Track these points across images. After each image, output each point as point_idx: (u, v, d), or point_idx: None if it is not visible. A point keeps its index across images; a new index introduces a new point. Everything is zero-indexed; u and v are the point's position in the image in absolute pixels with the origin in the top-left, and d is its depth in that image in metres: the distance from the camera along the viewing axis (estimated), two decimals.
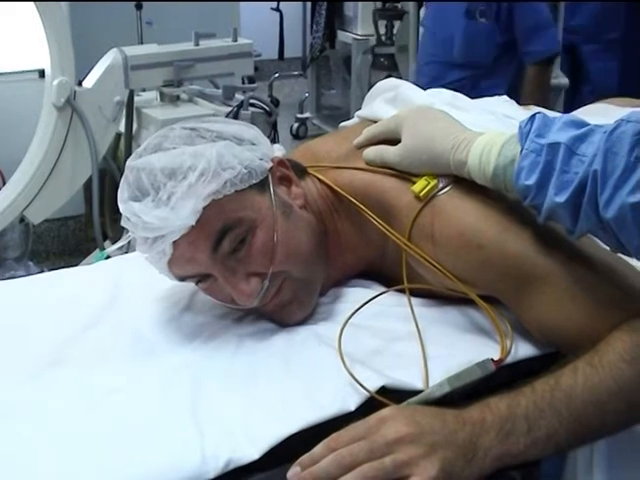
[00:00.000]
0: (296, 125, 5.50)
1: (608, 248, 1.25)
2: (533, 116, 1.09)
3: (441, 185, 1.20)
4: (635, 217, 0.93)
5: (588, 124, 1.04)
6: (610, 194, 0.95)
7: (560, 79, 3.34)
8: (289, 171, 1.28)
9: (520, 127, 1.09)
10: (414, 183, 1.21)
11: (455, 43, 2.92)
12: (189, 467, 0.96)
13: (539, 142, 1.05)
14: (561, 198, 1.02)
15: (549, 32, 3.01)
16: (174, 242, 1.15)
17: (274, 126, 4.51)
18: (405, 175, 1.24)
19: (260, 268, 1.18)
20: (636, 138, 0.94)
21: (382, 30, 4.96)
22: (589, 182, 0.98)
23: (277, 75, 5.73)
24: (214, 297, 1.24)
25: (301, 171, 1.33)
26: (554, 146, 1.03)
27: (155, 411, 1.07)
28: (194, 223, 1.13)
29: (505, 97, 1.62)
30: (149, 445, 1.00)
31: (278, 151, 1.28)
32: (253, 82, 4.46)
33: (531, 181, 1.05)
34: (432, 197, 1.20)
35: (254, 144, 1.23)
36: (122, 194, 1.19)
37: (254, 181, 1.18)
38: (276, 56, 5.81)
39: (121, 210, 1.18)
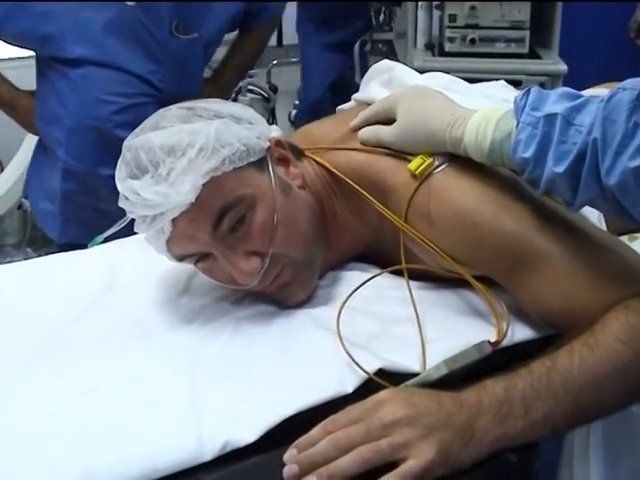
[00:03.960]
0: (294, 112, 5.48)
1: (605, 228, 1.25)
2: (528, 90, 1.09)
3: (437, 163, 1.20)
4: (638, 181, 0.93)
5: (583, 96, 1.04)
6: (611, 161, 0.95)
7: (559, 65, 3.33)
8: (286, 152, 1.29)
9: (515, 101, 1.09)
10: (410, 162, 1.21)
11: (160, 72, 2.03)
12: (186, 449, 0.96)
13: (535, 115, 1.05)
14: (560, 168, 1.02)
15: None
16: (173, 220, 1.15)
17: (272, 112, 4.51)
18: (401, 154, 1.23)
19: (260, 247, 1.18)
20: (633, 104, 0.94)
21: (380, 16, 4.94)
22: (588, 151, 0.98)
23: (275, 62, 5.71)
24: (213, 278, 1.24)
25: (298, 153, 1.33)
26: (550, 117, 1.03)
27: (152, 394, 1.07)
28: (194, 200, 1.13)
29: (503, 82, 1.61)
30: (145, 427, 1.00)
31: (275, 132, 1.28)
32: (251, 69, 4.44)
33: (528, 154, 1.05)
34: (428, 175, 1.20)
35: (251, 123, 1.23)
36: (120, 173, 1.19)
37: (252, 159, 1.19)
38: (274, 43, 5.80)
39: (119, 189, 1.18)
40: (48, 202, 2.10)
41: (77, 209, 2.03)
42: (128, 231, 1.25)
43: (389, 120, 1.26)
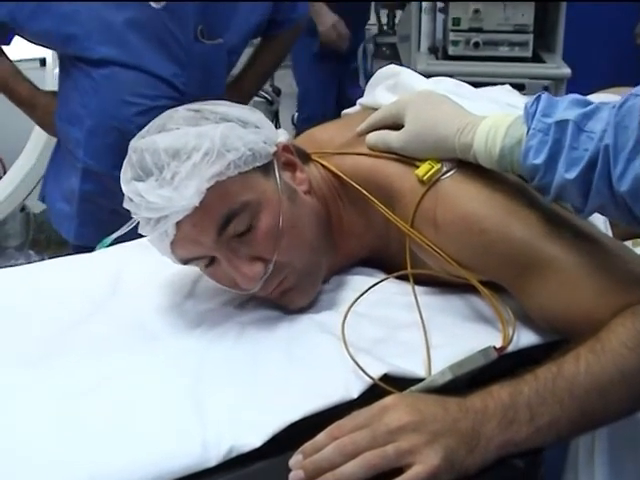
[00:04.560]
0: (297, 115, 5.48)
1: (610, 233, 1.25)
2: (538, 97, 1.09)
3: (445, 169, 1.20)
4: None
5: (593, 102, 1.04)
6: (623, 167, 0.95)
7: (562, 69, 3.33)
8: (294, 156, 1.28)
9: (526, 107, 1.09)
10: (418, 167, 1.20)
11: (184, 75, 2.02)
12: (191, 455, 0.95)
13: (546, 121, 1.05)
14: (571, 175, 1.02)
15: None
16: (177, 223, 1.15)
17: (276, 115, 4.51)
18: (409, 160, 1.23)
19: (264, 253, 1.18)
20: None
21: (384, 19, 4.95)
22: (600, 157, 0.98)
23: None
24: (218, 281, 1.24)
25: (304, 157, 1.33)
26: (562, 124, 1.03)
27: (156, 398, 1.07)
28: (197, 204, 1.12)
29: (508, 86, 1.61)
30: (150, 432, 0.99)
31: (283, 135, 1.27)
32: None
33: (539, 160, 1.05)
34: (436, 181, 1.19)
35: (258, 127, 1.22)
36: (125, 174, 1.19)
37: (258, 164, 1.18)
38: None
39: (124, 190, 1.18)
40: (65, 203, 2.09)
41: (94, 210, 2.02)
42: (136, 234, 1.25)
43: (396, 125, 1.25)
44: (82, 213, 2.05)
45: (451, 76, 1.55)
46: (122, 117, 1.94)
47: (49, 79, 3.03)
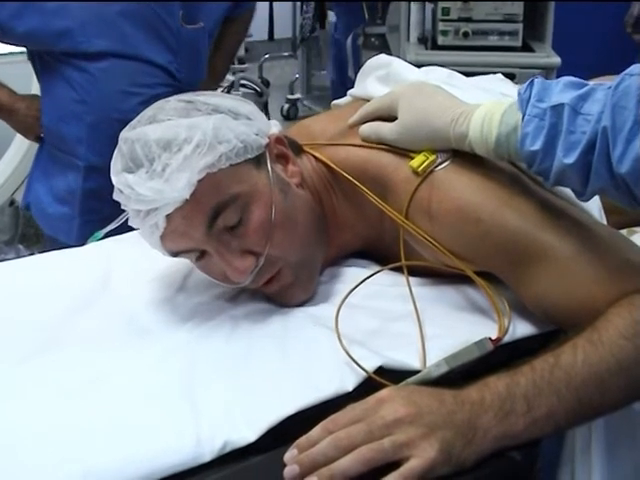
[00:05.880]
0: (287, 106, 5.49)
1: (605, 222, 1.24)
2: (531, 82, 1.08)
3: (439, 160, 1.19)
4: None
5: (588, 84, 1.03)
6: (623, 148, 0.94)
7: (552, 58, 3.33)
8: (286, 149, 1.27)
9: (519, 93, 1.08)
10: (412, 159, 1.20)
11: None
12: (185, 450, 0.95)
13: (540, 106, 1.04)
14: (570, 159, 1.01)
15: None
16: (167, 216, 1.14)
17: (265, 107, 4.51)
18: (403, 151, 1.22)
19: (256, 247, 1.17)
20: None
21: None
22: (599, 139, 0.97)
23: (267, 56, 5.71)
24: (208, 274, 1.23)
25: (297, 149, 1.32)
26: (558, 108, 1.02)
27: (149, 394, 1.06)
28: (188, 196, 1.12)
29: (500, 75, 1.60)
30: (143, 428, 0.98)
31: (274, 127, 1.26)
32: (243, 63, 4.44)
33: (537, 146, 1.04)
34: (430, 172, 1.18)
35: (250, 119, 1.22)
36: (115, 165, 1.18)
37: (250, 156, 1.17)
38: (266, 37, 5.79)
39: (114, 182, 1.17)
40: (61, 205, 2.05)
41: (98, 208, 1.95)
42: (129, 227, 1.24)
43: (389, 117, 1.24)
44: (85, 212, 2.02)
45: (441, 66, 1.54)
46: (125, 108, 1.90)
47: None
